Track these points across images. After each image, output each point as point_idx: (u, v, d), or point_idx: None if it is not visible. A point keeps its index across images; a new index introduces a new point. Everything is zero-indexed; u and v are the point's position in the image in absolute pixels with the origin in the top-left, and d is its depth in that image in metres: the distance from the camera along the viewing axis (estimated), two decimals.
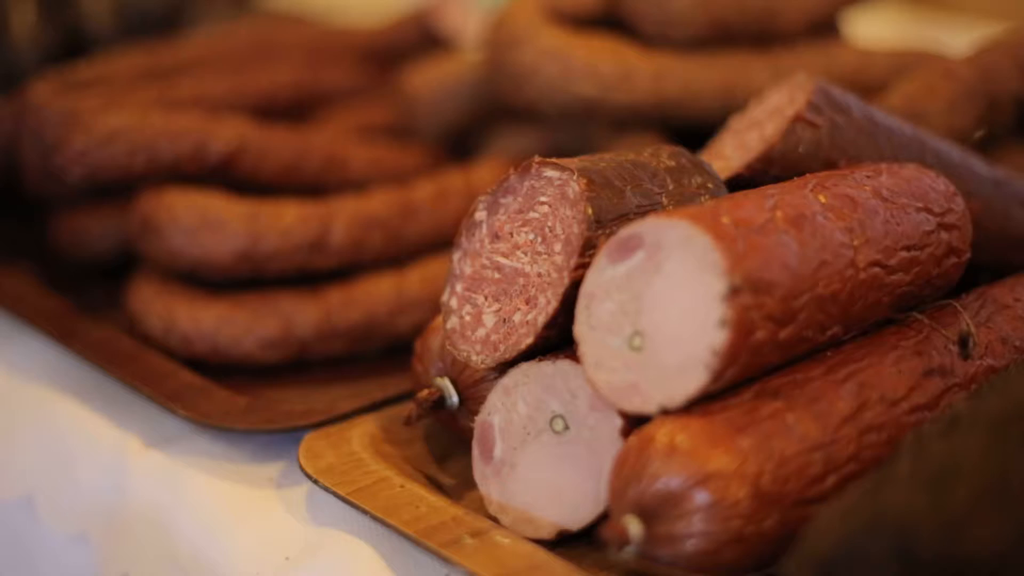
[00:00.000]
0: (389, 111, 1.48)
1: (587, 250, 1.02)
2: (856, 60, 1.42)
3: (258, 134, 1.30)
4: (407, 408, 1.09)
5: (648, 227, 0.97)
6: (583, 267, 1.01)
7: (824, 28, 1.46)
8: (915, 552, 0.78)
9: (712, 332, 0.94)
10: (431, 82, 1.44)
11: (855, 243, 1.02)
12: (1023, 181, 1.25)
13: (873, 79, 1.40)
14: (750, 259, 0.95)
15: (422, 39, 1.56)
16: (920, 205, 1.08)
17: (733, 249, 0.95)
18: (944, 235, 1.09)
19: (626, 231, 0.98)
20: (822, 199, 1.03)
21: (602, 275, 0.99)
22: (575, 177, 1.04)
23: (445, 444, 1.12)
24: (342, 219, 1.24)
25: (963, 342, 1.04)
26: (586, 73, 1.31)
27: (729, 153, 1.17)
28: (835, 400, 0.99)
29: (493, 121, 1.42)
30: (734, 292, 0.93)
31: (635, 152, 1.11)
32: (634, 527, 0.92)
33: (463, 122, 1.45)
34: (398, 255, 1.27)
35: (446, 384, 1.09)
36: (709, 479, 0.92)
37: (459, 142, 1.46)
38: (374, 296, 1.24)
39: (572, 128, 1.37)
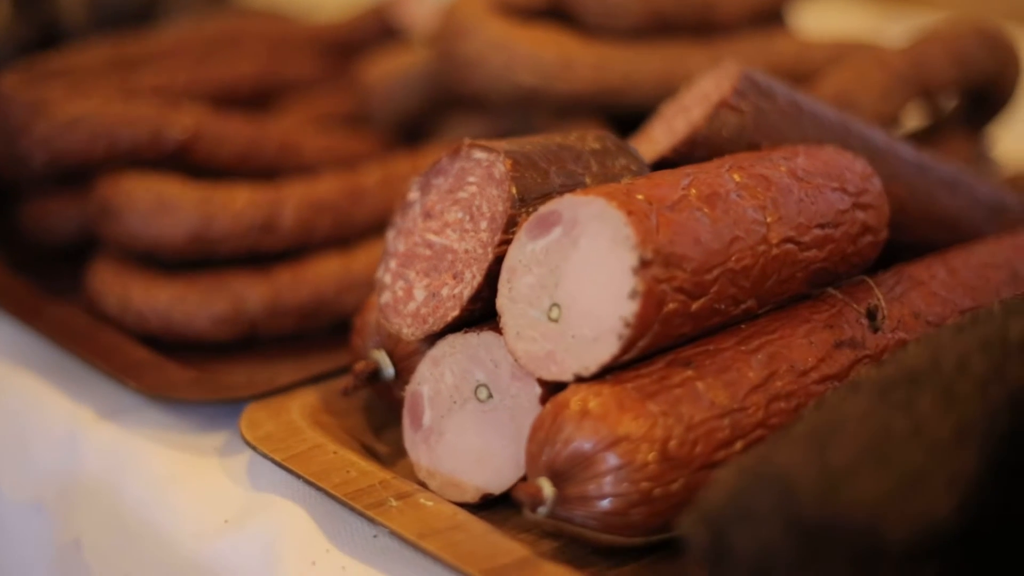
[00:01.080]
0: (348, 101, 1.52)
1: (510, 227, 1.05)
2: (795, 50, 1.46)
3: (214, 122, 1.34)
4: (346, 380, 1.13)
5: (565, 204, 1.01)
6: (507, 243, 1.05)
7: (767, 19, 1.50)
8: (796, 505, 0.81)
9: (624, 303, 0.97)
10: (387, 73, 1.48)
11: (768, 220, 1.06)
12: (947, 166, 1.29)
13: (812, 69, 1.43)
14: (662, 234, 0.99)
15: (381, 32, 1.60)
16: (835, 185, 1.12)
17: (645, 224, 0.99)
18: (859, 214, 1.13)
19: (545, 208, 1.02)
20: (736, 178, 1.07)
21: (523, 250, 1.03)
22: (501, 158, 1.08)
23: (382, 415, 1.16)
24: (292, 203, 1.28)
25: (871, 315, 1.08)
26: (528, 63, 1.35)
27: (658, 137, 1.20)
28: (745, 369, 1.02)
29: (445, 109, 1.46)
30: (645, 265, 0.97)
31: (562, 136, 1.15)
32: (547, 488, 0.96)
33: (417, 111, 1.48)
34: (346, 237, 1.31)
35: (381, 356, 1.13)
36: (618, 442, 0.95)
37: (413, 130, 1.49)
38: (322, 276, 1.27)
39: (518, 115, 1.40)
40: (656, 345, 1.01)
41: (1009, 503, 0.89)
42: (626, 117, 1.37)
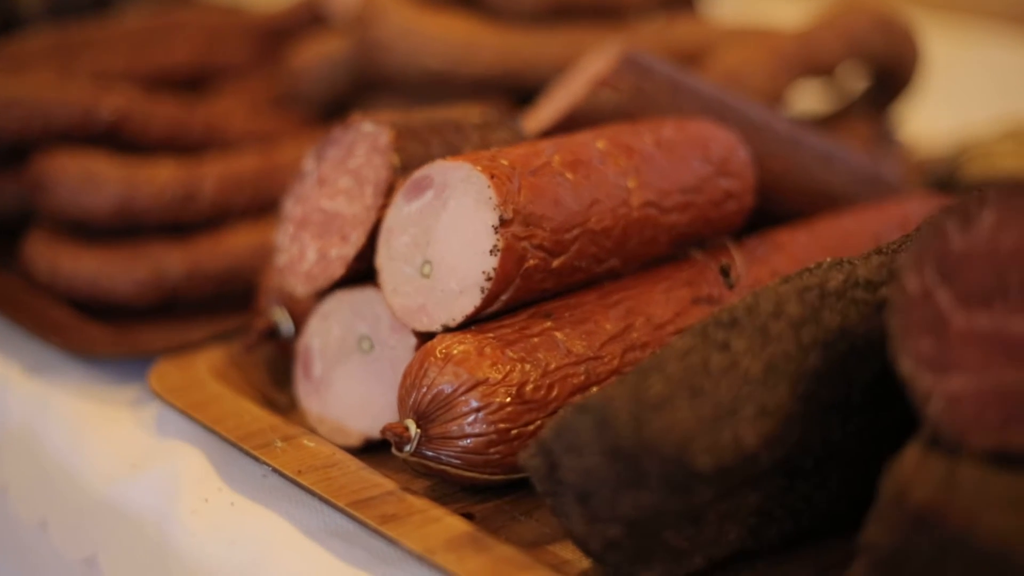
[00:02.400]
0: (277, 85, 1.60)
1: (392, 193, 1.13)
2: (694, 34, 1.53)
3: (144, 103, 1.42)
4: (248, 336, 1.21)
5: (436, 169, 1.09)
6: (387, 207, 1.13)
7: (673, 3, 1.57)
8: (611, 434, 0.88)
9: (485, 259, 1.05)
10: (312, 58, 1.56)
11: (630, 185, 1.13)
12: (823, 141, 1.36)
13: (708, 51, 1.51)
14: (523, 195, 1.06)
15: (311, 20, 1.68)
16: (699, 154, 1.19)
17: (506, 187, 1.06)
18: (722, 182, 1.20)
19: (419, 173, 1.10)
20: (601, 146, 1.14)
21: (399, 212, 1.10)
22: (385, 130, 1.15)
23: (284, 370, 1.23)
24: (212, 178, 1.36)
25: (724, 272, 1.15)
26: (434, 48, 1.43)
27: (543, 114, 1.28)
28: (603, 321, 1.10)
29: (366, 91, 1.54)
30: (504, 224, 1.05)
31: (448, 111, 1.23)
32: (412, 428, 1.04)
33: (340, 92, 1.56)
34: (263, 209, 1.39)
35: (279, 314, 1.21)
36: (478, 386, 1.03)
37: (338, 111, 1.57)
38: (239, 245, 1.35)
39: (431, 96, 1.48)
40: (519, 299, 1.08)
41: (824, 437, 0.96)
42: (530, 97, 1.45)
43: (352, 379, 1.13)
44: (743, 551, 0.97)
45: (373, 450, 1.11)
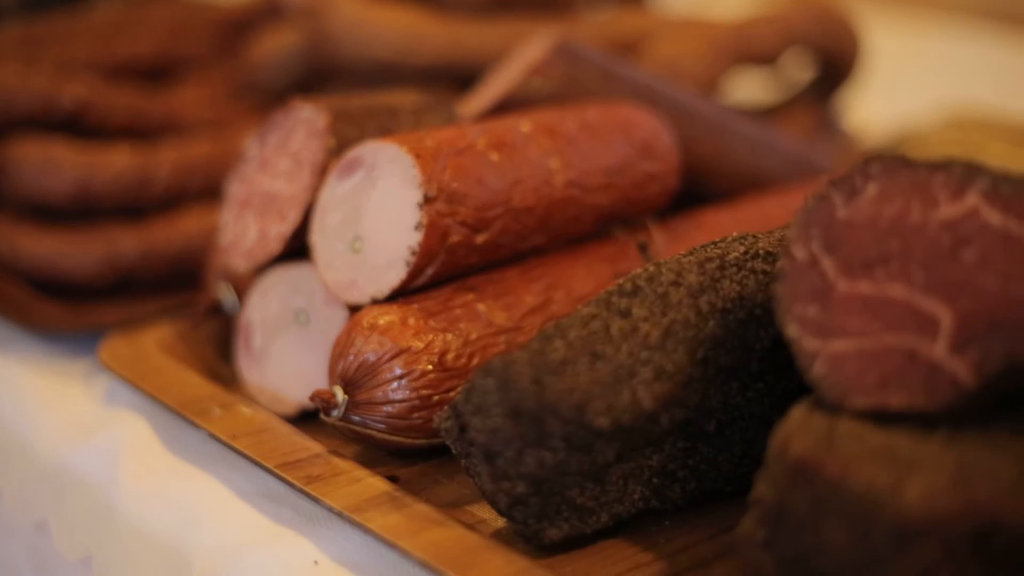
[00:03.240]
0: (237, 76, 1.64)
1: (327, 173, 1.17)
2: (636, 26, 1.57)
3: (104, 92, 1.46)
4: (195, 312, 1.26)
5: (366, 149, 1.13)
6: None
7: None
8: (514, 396, 0.92)
9: (411, 234, 1.09)
10: (269, 50, 1.60)
11: (553, 166, 1.17)
12: (753, 127, 1.40)
13: (649, 42, 1.55)
14: (447, 175, 1.10)
15: (270, 14, 1.72)
16: (622, 137, 1.23)
17: (431, 166, 1.10)
18: (645, 164, 1.24)
19: (351, 153, 1.14)
20: (525, 129, 1.18)
21: (332, 191, 1.14)
22: (322, 114, 1.20)
23: (230, 344, 1.27)
24: (166, 164, 1.40)
25: (642, 248, 1.19)
26: (382, 40, 1.47)
27: (477, 101, 1.32)
28: (524, 294, 1.14)
29: (321, 80, 1.58)
30: (428, 201, 1.09)
31: (386, 96, 1.27)
32: (339, 394, 1.08)
33: (297, 83, 1.60)
34: (216, 192, 1.42)
35: (224, 290, 1.25)
36: (401, 354, 1.07)
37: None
38: (193, 228, 1.39)
39: (383, 85, 1.52)
40: (445, 273, 1.12)
41: (725, 401, 1.00)
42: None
43: (289, 351, 1.17)
44: (649, 510, 1.01)
45: (310, 419, 1.15)
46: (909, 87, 2.01)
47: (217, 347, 1.26)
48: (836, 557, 0.84)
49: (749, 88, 1.78)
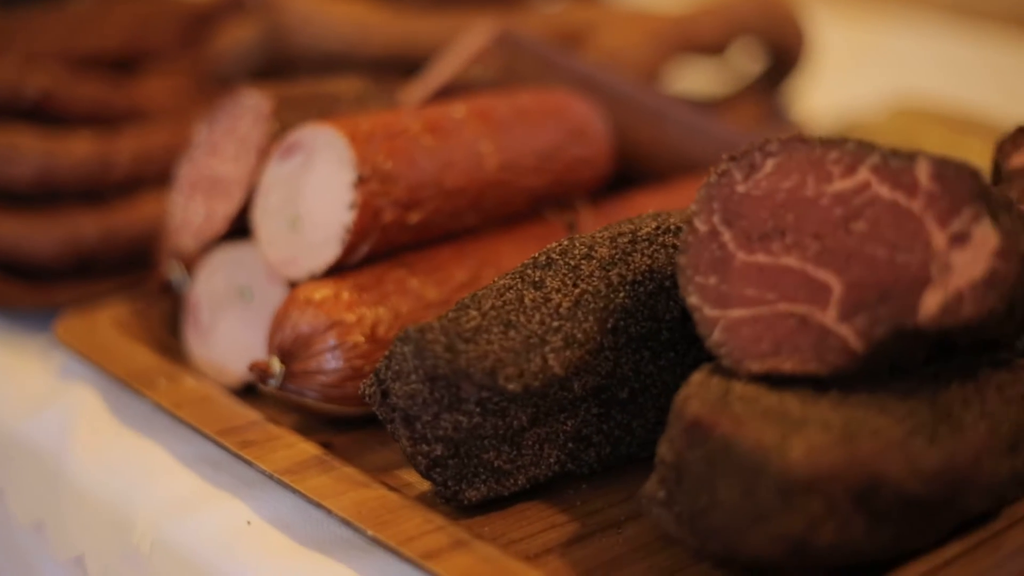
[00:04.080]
0: (201, 67, 1.69)
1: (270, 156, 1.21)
2: (583, 18, 1.61)
3: (68, 82, 1.50)
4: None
5: (305, 132, 1.16)
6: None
7: None
8: (429, 362, 0.96)
9: (345, 213, 1.13)
10: (231, 42, 1.64)
11: (485, 150, 1.21)
12: (691, 116, 1.43)
13: (593, 33, 1.59)
14: (380, 156, 1.14)
15: (233, 7, 1.76)
16: (554, 123, 1.26)
17: (365, 148, 1.14)
18: (577, 149, 1.27)
19: (291, 136, 1.17)
20: (460, 114, 1.22)
21: (274, 173, 1.18)
22: (267, 100, 1.24)
23: (181, 321, 1.31)
24: (126, 152, 1.44)
25: (570, 227, 1.23)
26: (334, 33, 1.52)
27: (418, 89, 1.36)
28: (455, 271, 1.17)
29: (280, 70, 1.62)
30: (362, 181, 1.12)
31: (329, 83, 1.31)
32: (275, 365, 1.11)
33: (257, 74, 1.64)
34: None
35: (175, 269, 1.29)
36: (334, 326, 1.10)
37: None
38: (151, 211, 1.43)
39: (337, 74, 1.56)
40: (380, 250, 1.15)
41: (637, 369, 1.04)
42: None
43: (234, 326, 1.21)
44: (565, 473, 1.05)
45: (255, 391, 1.19)
46: (856, 78, 2.04)
47: (169, 324, 1.30)
48: (729, 512, 0.88)
49: (700, 79, 1.82)
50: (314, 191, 1.14)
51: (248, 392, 1.19)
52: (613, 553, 0.98)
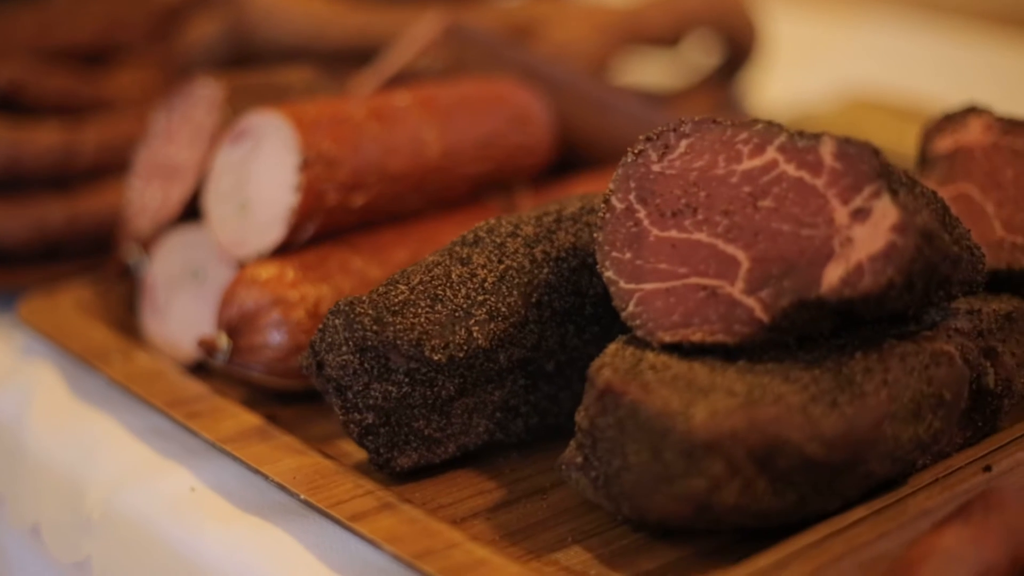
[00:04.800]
0: (171, 60, 1.72)
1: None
2: (538, 13, 1.65)
3: (37, 74, 1.54)
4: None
5: (253, 118, 1.20)
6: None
7: None
8: (358, 334, 0.99)
9: (290, 195, 1.16)
10: (199, 36, 1.68)
11: (428, 137, 1.25)
12: (636, 107, 1.47)
13: (545, 27, 1.63)
14: (325, 141, 1.18)
15: (202, 3, 1.80)
16: (497, 111, 1.30)
17: (310, 133, 1.17)
18: (518, 137, 1.31)
19: (241, 123, 1.21)
20: (405, 102, 1.26)
21: (225, 157, 1.21)
22: (221, 88, 1.27)
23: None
24: (91, 141, 1.48)
25: (509, 211, 1.27)
26: (293, 27, 1.56)
27: (368, 79, 1.40)
28: (396, 251, 1.21)
29: (246, 62, 1.66)
30: (306, 165, 1.16)
31: (283, 74, 1.35)
32: (222, 340, 1.15)
33: (224, 66, 1.68)
34: None
35: (135, 251, 1.32)
36: (278, 303, 1.14)
37: None
38: (115, 199, 1.47)
39: (298, 64, 1.60)
40: (326, 232, 1.19)
41: (563, 343, 1.08)
42: None
43: (187, 305, 1.25)
44: (495, 442, 1.08)
45: (208, 368, 1.23)
46: (810, 71, 2.08)
47: (129, 304, 1.34)
48: (639, 475, 0.91)
49: (657, 72, 1.86)
50: (262, 175, 1.18)
51: (201, 369, 1.22)
52: (537, 517, 1.01)
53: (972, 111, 1.25)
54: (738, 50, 1.73)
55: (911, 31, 2.37)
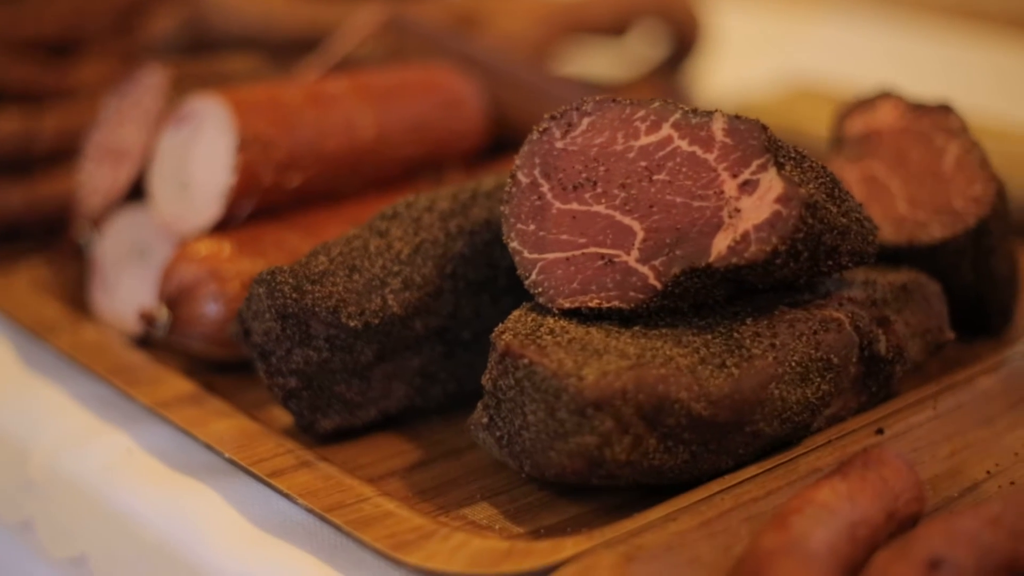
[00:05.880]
0: (134, 51, 1.78)
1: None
2: (480, 5, 1.70)
3: (2, 64, 1.60)
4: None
5: (196, 103, 1.25)
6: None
7: None
8: (280, 299, 1.04)
9: (227, 175, 1.21)
10: (160, 28, 1.73)
11: (362, 121, 1.30)
12: (570, 92, 1.51)
13: (487, 16, 1.68)
14: (261, 124, 1.22)
15: None
16: (430, 98, 1.35)
17: (246, 116, 1.22)
18: (451, 122, 1.36)
19: (184, 107, 1.26)
20: (342, 87, 1.30)
21: (169, 140, 1.26)
22: (168, 75, 1.32)
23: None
24: (51, 128, 1.53)
25: None
26: (243, 20, 1.61)
27: (312, 67, 1.44)
28: (330, 228, 1.25)
29: (204, 52, 1.71)
30: (242, 146, 1.21)
31: (229, 62, 1.40)
32: (162, 312, 1.20)
33: (187, 53, 1.73)
34: None
35: (87, 230, 1.37)
36: (215, 276, 1.18)
37: None
38: (75, 183, 1.52)
39: (249, 52, 1.65)
40: (263, 210, 1.23)
41: (477, 312, 1.12)
42: None
43: (133, 281, 1.29)
44: (415, 407, 1.13)
45: (152, 342, 1.27)
46: (755, 62, 2.12)
47: (82, 282, 1.38)
48: (536, 433, 0.96)
49: (605, 63, 1.90)
50: (201, 156, 1.22)
51: (147, 344, 1.27)
52: (449, 477, 1.06)
53: (883, 95, 1.30)
54: (682, 41, 1.78)
55: (857, 23, 2.41)
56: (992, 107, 1.73)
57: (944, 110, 1.26)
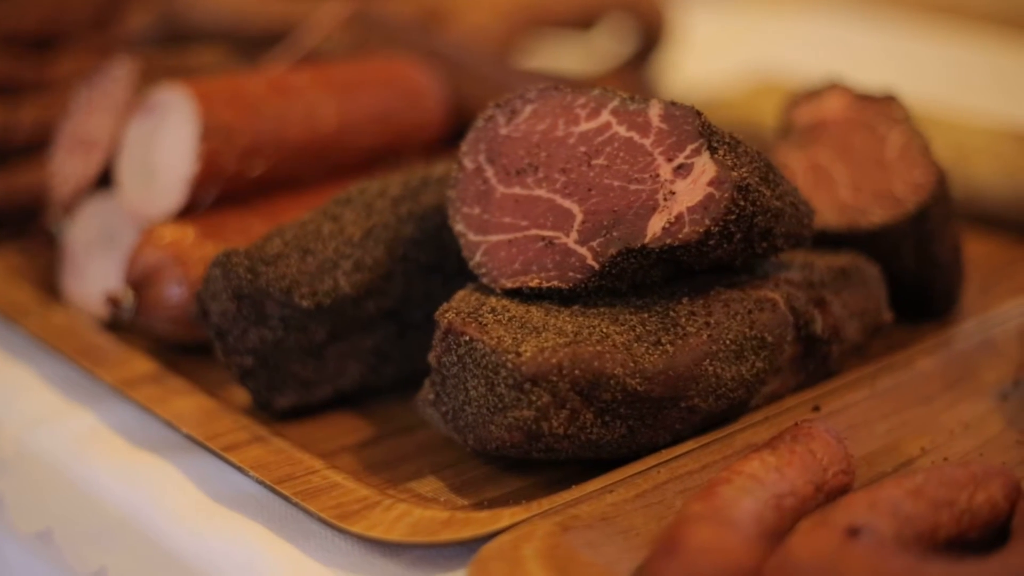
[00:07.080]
0: (113, 45, 1.81)
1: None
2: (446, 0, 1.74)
3: None
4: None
5: (162, 91, 1.28)
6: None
7: None
8: (235, 283, 1.07)
9: (190, 163, 1.24)
10: (138, 22, 1.76)
11: (325, 112, 1.33)
12: (528, 84, 1.55)
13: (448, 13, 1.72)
14: (224, 113, 1.25)
15: None
16: (392, 90, 1.38)
17: (210, 106, 1.25)
18: (413, 114, 1.38)
19: (151, 96, 1.29)
20: (305, 79, 1.33)
21: (136, 129, 1.29)
22: (137, 66, 1.35)
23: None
24: (28, 120, 1.56)
25: None
26: (217, 16, 1.64)
27: (277, 60, 1.48)
28: (292, 214, 1.29)
29: (187, 43, 1.75)
30: (205, 135, 1.24)
31: (196, 55, 1.43)
32: (128, 295, 1.23)
33: (165, 46, 1.77)
34: None
35: (59, 217, 1.40)
36: (179, 260, 1.21)
37: None
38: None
39: (217, 45, 1.68)
40: (228, 197, 1.26)
41: (428, 294, 1.15)
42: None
43: (101, 266, 1.32)
44: (370, 386, 1.16)
45: (120, 325, 1.31)
46: (724, 58, 2.15)
47: (55, 268, 1.42)
48: (478, 407, 0.99)
49: (572, 58, 1.93)
50: (166, 145, 1.25)
51: (115, 327, 1.30)
52: (400, 452, 1.09)
53: (831, 86, 1.33)
54: (649, 36, 1.81)
55: (822, 19, 2.44)
56: (949, 98, 1.76)
57: (888, 100, 1.29)
